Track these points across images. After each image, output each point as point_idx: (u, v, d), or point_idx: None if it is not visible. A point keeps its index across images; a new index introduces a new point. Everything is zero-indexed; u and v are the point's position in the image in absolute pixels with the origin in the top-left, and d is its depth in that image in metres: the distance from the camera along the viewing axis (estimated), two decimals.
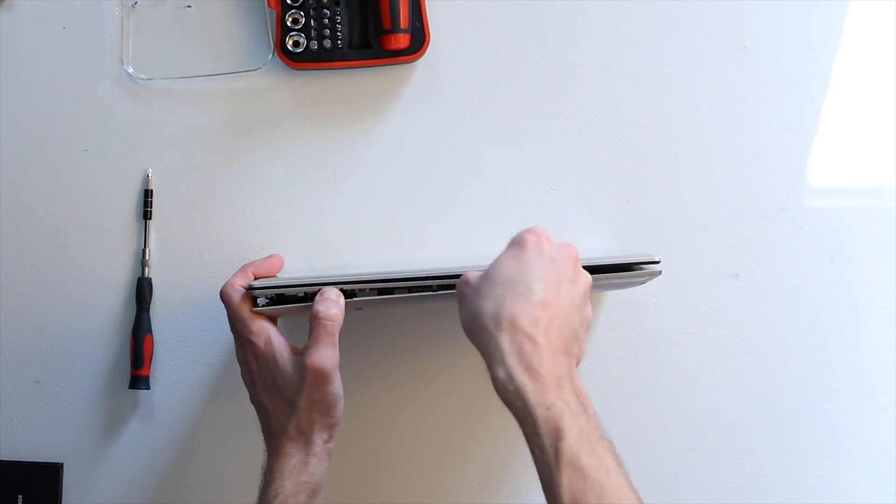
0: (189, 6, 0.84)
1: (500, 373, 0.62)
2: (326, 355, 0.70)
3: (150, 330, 0.83)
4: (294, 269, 0.84)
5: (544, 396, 0.61)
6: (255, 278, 0.76)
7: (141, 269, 0.84)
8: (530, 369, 0.62)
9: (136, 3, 0.84)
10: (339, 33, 0.83)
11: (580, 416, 0.61)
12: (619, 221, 0.85)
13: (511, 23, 0.85)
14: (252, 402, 0.75)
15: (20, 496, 0.84)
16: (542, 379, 0.62)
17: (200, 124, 0.85)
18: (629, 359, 0.85)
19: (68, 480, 0.84)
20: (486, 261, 0.69)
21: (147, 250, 0.84)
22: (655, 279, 0.78)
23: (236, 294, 0.73)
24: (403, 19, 0.82)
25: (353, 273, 0.75)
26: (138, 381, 0.82)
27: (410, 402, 0.85)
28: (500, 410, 0.85)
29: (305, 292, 0.74)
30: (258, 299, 0.74)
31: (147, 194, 0.84)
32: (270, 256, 0.81)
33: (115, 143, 0.84)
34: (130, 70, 0.84)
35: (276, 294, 0.74)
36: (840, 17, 0.87)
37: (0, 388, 0.84)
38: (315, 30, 0.83)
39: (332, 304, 0.71)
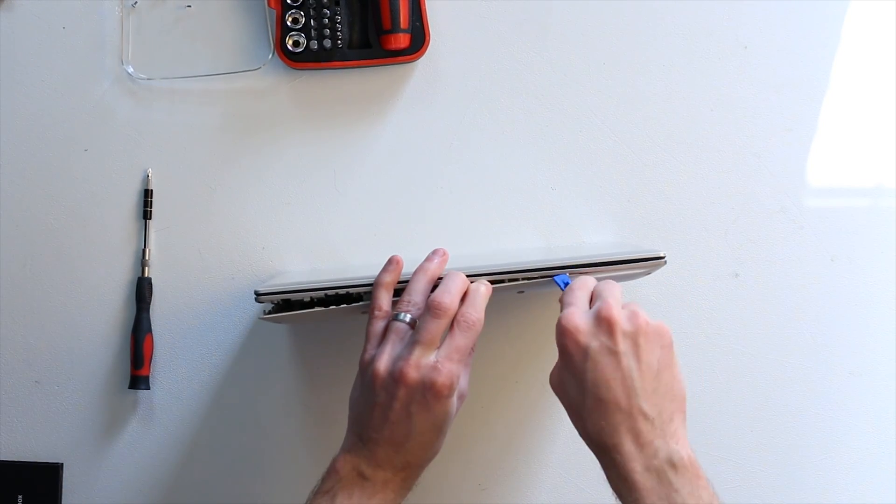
0: (189, 6, 0.84)
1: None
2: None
3: (150, 330, 0.83)
4: (294, 270, 0.84)
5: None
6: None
7: (141, 269, 0.84)
8: (626, 482, 0.64)
9: (136, 3, 0.84)
10: (339, 33, 0.83)
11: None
12: (619, 221, 0.85)
13: (511, 23, 0.85)
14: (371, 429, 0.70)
15: (20, 496, 0.84)
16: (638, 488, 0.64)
17: (200, 124, 0.85)
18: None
19: (68, 480, 0.84)
20: (486, 260, 0.69)
21: (147, 250, 0.84)
22: (657, 277, 0.78)
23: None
24: (403, 19, 0.82)
25: (362, 277, 0.74)
26: (138, 381, 0.82)
27: None
28: (500, 410, 0.86)
29: (312, 297, 0.73)
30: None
31: (147, 194, 0.84)
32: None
33: (115, 143, 0.84)
34: (130, 70, 0.84)
35: (283, 300, 0.73)
36: (840, 17, 0.87)
37: (0, 388, 0.84)
38: (315, 30, 0.83)
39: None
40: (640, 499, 0.63)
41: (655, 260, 0.75)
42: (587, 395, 0.65)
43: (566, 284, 0.72)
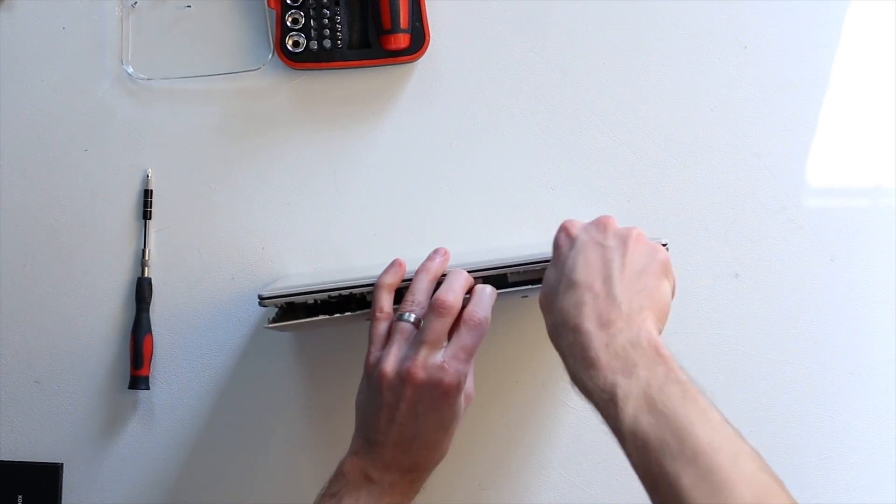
0: (189, 6, 0.84)
1: (569, 377, 0.62)
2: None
3: (149, 330, 0.83)
4: (295, 272, 0.84)
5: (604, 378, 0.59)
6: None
7: (141, 269, 0.84)
8: (585, 360, 0.60)
9: (136, 3, 0.84)
10: (339, 33, 0.83)
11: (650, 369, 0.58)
12: (619, 221, 0.85)
13: (511, 23, 0.85)
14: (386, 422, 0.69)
15: (20, 496, 0.84)
16: (597, 365, 0.59)
17: (200, 124, 0.85)
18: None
19: (68, 480, 0.84)
20: (486, 256, 0.69)
21: (147, 250, 0.84)
22: None
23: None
24: (403, 19, 0.82)
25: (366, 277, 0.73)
26: (138, 381, 0.82)
27: None
28: (500, 410, 0.86)
29: (316, 300, 0.73)
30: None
31: (147, 194, 0.84)
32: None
33: (115, 143, 0.84)
34: (130, 70, 0.84)
35: (287, 304, 0.73)
36: (840, 17, 0.87)
37: (0, 388, 0.84)
38: (315, 30, 0.83)
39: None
40: (596, 375, 0.59)
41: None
42: (562, 280, 0.64)
43: None
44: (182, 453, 0.85)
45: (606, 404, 0.58)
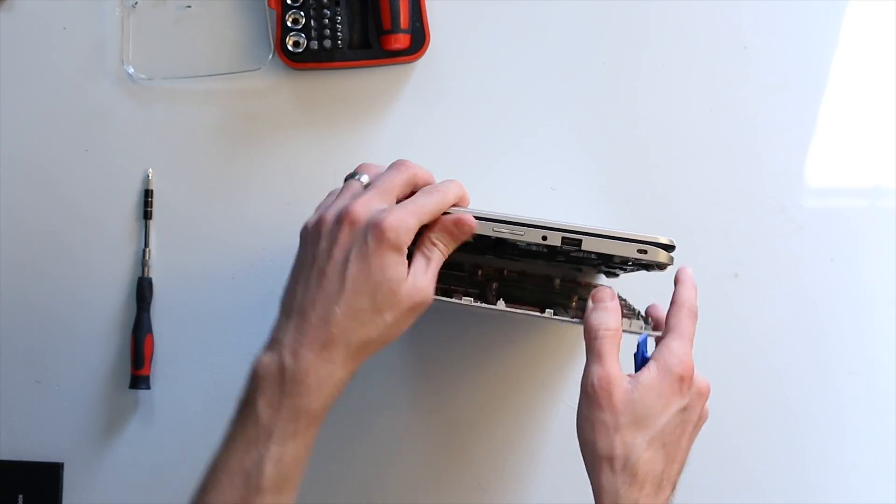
0: (189, 6, 0.84)
1: None
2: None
3: (150, 330, 0.83)
4: None
5: None
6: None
7: (141, 269, 0.84)
8: None
9: (136, 3, 0.84)
10: (339, 33, 0.83)
11: None
12: (618, 221, 0.85)
13: (511, 23, 0.85)
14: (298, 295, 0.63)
15: (20, 496, 0.84)
16: None
17: (200, 124, 0.85)
18: (629, 359, 0.85)
19: (68, 480, 0.84)
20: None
21: (147, 250, 0.84)
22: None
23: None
24: (403, 19, 0.82)
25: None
26: (138, 381, 0.82)
27: (411, 402, 0.85)
28: (501, 410, 0.86)
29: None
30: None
31: (147, 194, 0.84)
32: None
33: (115, 143, 0.84)
34: (130, 70, 0.84)
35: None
36: (840, 17, 0.87)
37: (0, 388, 0.84)
38: (315, 30, 0.83)
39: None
40: None
41: (666, 248, 0.71)
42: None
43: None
44: (182, 453, 0.85)
45: None
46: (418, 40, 0.83)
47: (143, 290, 0.83)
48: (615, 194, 0.85)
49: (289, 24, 0.83)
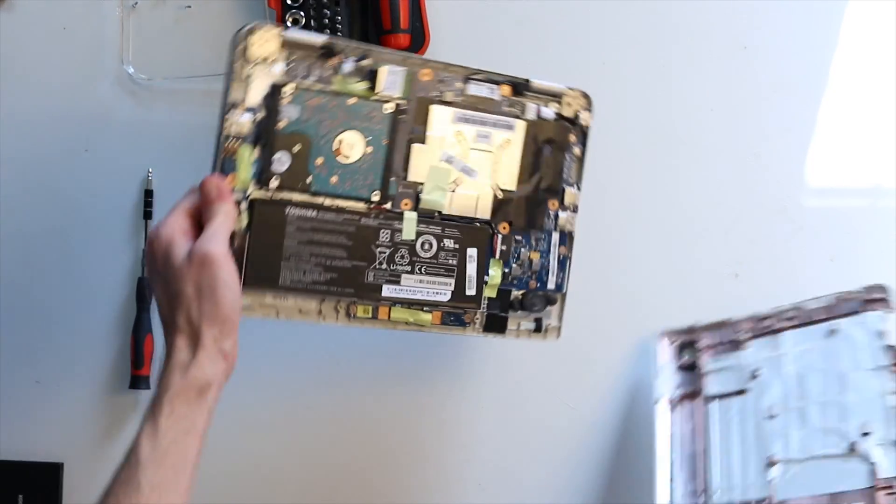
0: (189, 6, 0.84)
1: None
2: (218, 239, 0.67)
3: (150, 330, 0.83)
4: None
5: None
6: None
7: (141, 269, 0.84)
8: None
9: (136, 3, 0.84)
10: (339, 33, 0.83)
11: None
12: (616, 221, 0.85)
13: (511, 23, 0.85)
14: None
15: (20, 496, 0.84)
16: None
17: (200, 124, 0.84)
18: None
19: (68, 480, 0.84)
20: None
21: None
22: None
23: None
24: (403, 19, 0.82)
25: None
26: (138, 381, 0.82)
27: (410, 402, 0.85)
28: (500, 410, 0.86)
29: None
30: None
31: (147, 194, 0.84)
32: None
33: (115, 143, 0.84)
34: (130, 70, 0.84)
35: None
36: (840, 17, 0.87)
37: (0, 388, 0.84)
38: (315, 30, 0.83)
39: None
40: None
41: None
42: None
43: None
44: None
45: None
46: (418, 40, 0.83)
47: (142, 290, 0.83)
48: (615, 194, 0.85)
49: (289, 23, 0.83)
